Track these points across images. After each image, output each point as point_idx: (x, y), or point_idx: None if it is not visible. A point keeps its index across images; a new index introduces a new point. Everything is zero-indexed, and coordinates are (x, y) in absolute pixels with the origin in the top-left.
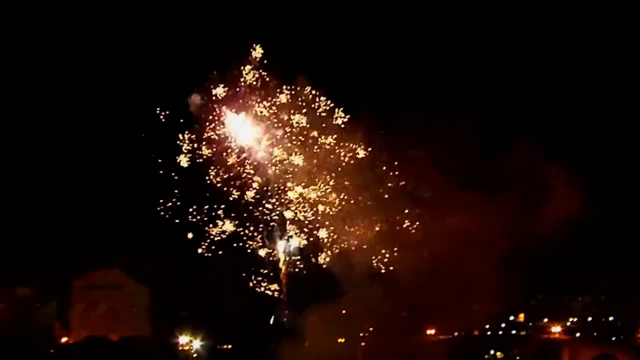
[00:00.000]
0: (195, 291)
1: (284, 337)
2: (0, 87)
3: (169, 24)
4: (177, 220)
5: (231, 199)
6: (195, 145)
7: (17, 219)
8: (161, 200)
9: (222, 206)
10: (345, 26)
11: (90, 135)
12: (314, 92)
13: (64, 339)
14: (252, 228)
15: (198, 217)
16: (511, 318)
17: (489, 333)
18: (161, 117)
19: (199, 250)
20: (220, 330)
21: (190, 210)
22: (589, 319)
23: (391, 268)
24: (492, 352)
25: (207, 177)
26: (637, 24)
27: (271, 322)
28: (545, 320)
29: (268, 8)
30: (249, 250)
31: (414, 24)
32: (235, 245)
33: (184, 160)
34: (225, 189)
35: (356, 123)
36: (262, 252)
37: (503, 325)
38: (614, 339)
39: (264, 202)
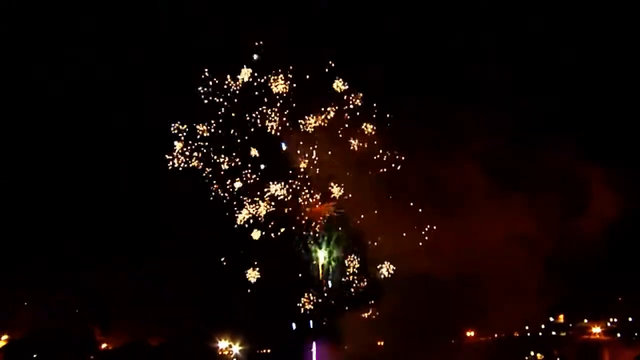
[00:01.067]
0: (233, 294)
1: (324, 340)
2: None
3: None
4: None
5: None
6: None
7: (53, 220)
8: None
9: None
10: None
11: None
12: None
13: (103, 345)
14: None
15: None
16: (551, 319)
17: (529, 334)
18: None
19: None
20: (259, 334)
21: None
22: (630, 319)
23: (431, 270)
24: (532, 353)
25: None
26: None
27: (310, 325)
28: (585, 321)
29: None
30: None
31: (449, 22)
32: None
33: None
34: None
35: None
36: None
37: (543, 326)
38: None
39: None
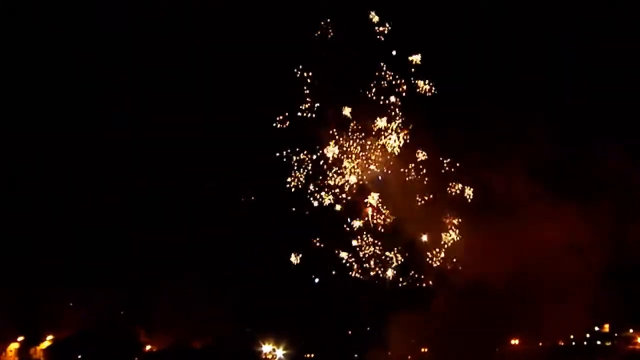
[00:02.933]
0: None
1: (368, 346)
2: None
3: None
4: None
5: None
6: None
7: (102, 224)
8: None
9: None
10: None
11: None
12: None
13: (147, 347)
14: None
15: None
16: (596, 328)
17: (573, 343)
18: None
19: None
20: (303, 339)
21: None
22: None
23: (480, 277)
24: None
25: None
26: None
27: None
28: (631, 330)
29: None
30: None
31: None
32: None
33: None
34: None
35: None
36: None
37: (588, 335)
38: None
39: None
